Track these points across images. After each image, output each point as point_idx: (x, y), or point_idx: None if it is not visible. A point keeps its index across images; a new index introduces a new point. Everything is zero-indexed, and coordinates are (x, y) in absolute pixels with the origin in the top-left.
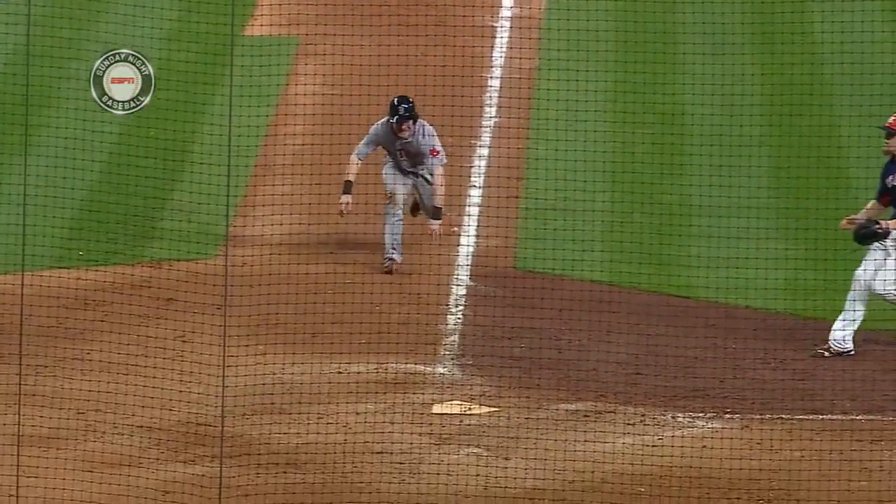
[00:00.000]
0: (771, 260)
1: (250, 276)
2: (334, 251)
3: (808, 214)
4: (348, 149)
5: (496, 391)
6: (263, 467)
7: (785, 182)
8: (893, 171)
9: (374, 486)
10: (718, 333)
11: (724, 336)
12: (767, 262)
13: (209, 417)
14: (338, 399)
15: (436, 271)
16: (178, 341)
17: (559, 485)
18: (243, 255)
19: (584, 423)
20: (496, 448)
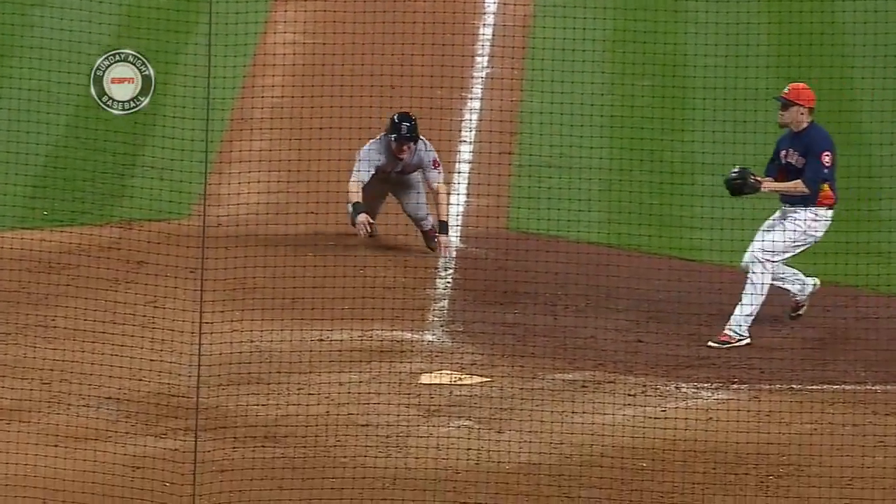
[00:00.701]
0: None
1: (226, 237)
2: (315, 211)
3: None
4: (330, 101)
5: (488, 360)
6: (241, 441)
7: None
8: (788, 146)
9: (359, 461)
10: (725, 299)
11: (730, 302)
12: None
13: (183, 388)
14: (319, 369)
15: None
16: (150, 307)
17: (556, 459)
18: (218, 215)
19: (582, 393)
20: (488, 421)
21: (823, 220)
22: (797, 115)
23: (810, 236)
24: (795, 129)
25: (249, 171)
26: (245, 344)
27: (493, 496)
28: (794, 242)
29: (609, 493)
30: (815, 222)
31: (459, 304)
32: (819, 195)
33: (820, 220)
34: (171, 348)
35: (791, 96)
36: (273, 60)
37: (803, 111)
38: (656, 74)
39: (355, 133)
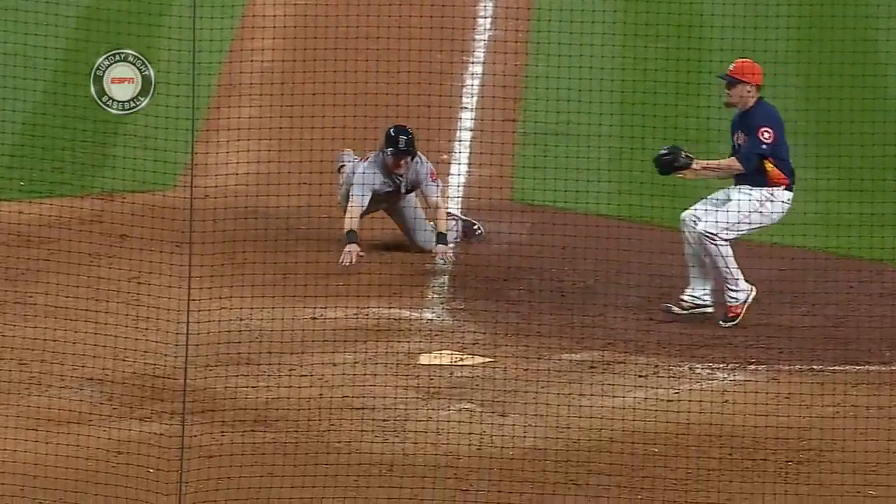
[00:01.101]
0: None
1: (213, 209)
2: (308, 181)
3: (842, 140)
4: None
5: (491, 339)
6: (229, 425)
7: (815, 103)
8: (739, 128)
9: (354, 447)
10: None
11: (747, 277)
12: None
13: (168, 369)
14: (312, 348)
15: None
16: (134, 283)
17: (562, 444)
18: (205, 186)
19: (591, 375)
20: (491, 404)
21: (780, 201)
22: (743, 93)
23: (765, 217)
24: (742, 108)
25: (238, 140)
26: (234, 322)
27: (495, 483)
28: (748, 221)
29: (619, 479)
30: (770, 203)
31: (461, 280)
32: (768, 175)
33: (776, 200)
34: (156, 327)
35: (736, 73)
36: (262, 22)
37: (750, 89)
38: (670, 36)
39: (350, 99)
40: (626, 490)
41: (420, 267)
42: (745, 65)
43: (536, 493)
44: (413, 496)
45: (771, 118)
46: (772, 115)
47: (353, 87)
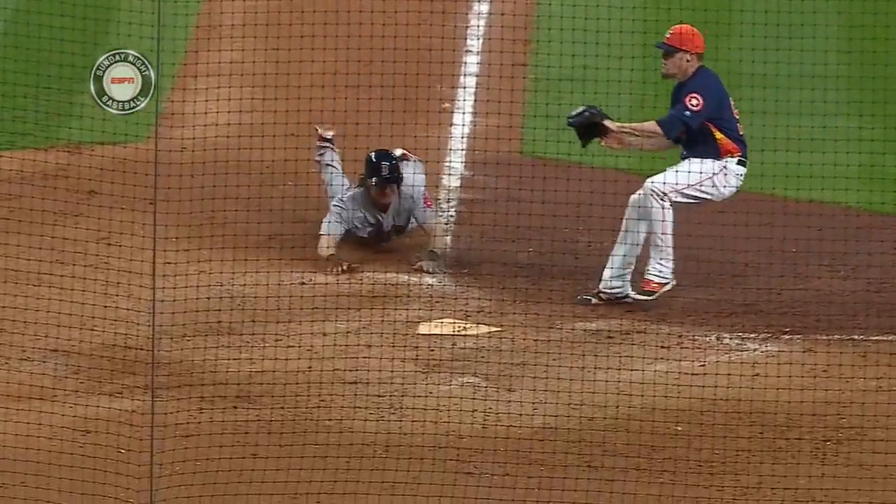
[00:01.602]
0: (841, 142)
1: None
2: (296, 133)
3: (887, 85)
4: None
5: (497, 307)
6: (207, 401)
7: (859, 45)
8: (674, 102)
9: (345, 425)
10: (775, 233)
11: (782, 237)
12: (837, 145)
13: (141, 339)
14: (300, 317)
15: (422, 157)
16: (102, 244)
17: (575, 423)
18: (182, 137)
19: (607, 346)
20: (497, 377)
21: (733, 174)
22: (682, 63)
23: (717, 189)
24: (682, 78)
25: (218, 87)
26: (213, 288)
27: (501, 465)
28: (699, 189)
29: (637, 461)
30: (724, 175)
31: (464, 241)
32: (719, 144)
33: (729, 173)
34: (128, 293)
35: (673, 42)
36: None
37: (689, 58)
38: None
39: (342, 42)
40: (646, 473)
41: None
42: (682, 31)
43: (547, 476)
44: (411, 479)
45: (707, 87)
46: (709, 83)
47: (346, 29)
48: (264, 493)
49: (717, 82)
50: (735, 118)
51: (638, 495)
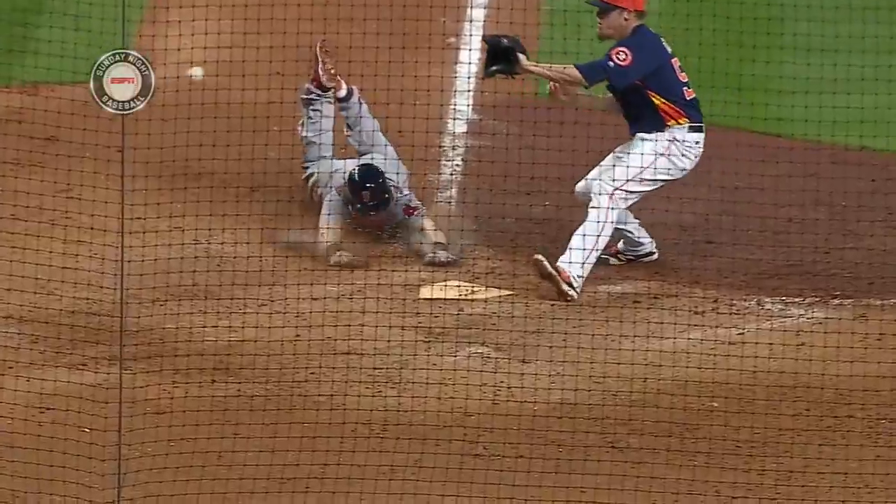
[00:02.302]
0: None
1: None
2: (282, 72)
3: None
4: None
5: (509, 267)
6: (182, 374)
7: None
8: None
9: (338, 401)
10: (823, 185)
11: (830, 189)
12: (891, 86)
13: (107, 305)
14: (287, 279)
15: (424, 99)
16: (62, 198)
17: (598, 398)
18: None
19: (634, 311)
20: (509, 347)
21: (686, 144)
22: (619, 21)
23: (674, 166)
24: (619, 38)
25: (193, 20)
26: (189, 247)
27: (514, 446)
28: (652, 174)
29: (668, 441)
30: (675, 149)
31: (472, 193)
32: (661, 112)
33: (680, 145)
34: (91, 252)
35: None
36: None
37: (627, 16)
38: None
39: None
40: (678, 455)
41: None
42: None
43: (566, 459)
44: (412, 462)
45: (640, 45)
46: (644, 42)
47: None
48: (246, 477)
49: (655, 42)
50: (681, 81)
51: (668, 480)
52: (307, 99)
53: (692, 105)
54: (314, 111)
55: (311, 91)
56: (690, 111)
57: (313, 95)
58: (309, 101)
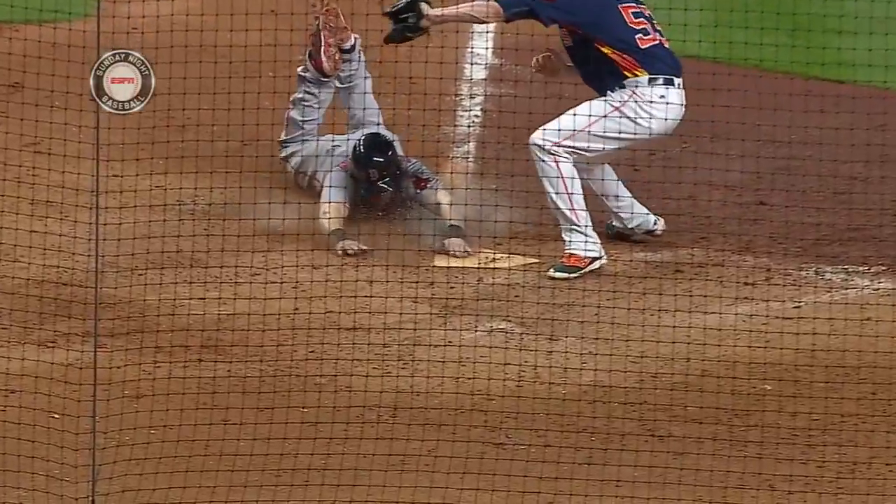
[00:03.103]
0: None
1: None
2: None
3: None
4: None
5: (534, 232)
6: (165, 353)
7: None
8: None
9: (343, 383)
10: (891, 138)
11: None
12: None
13: (80, 274)
14: (283, 244)
15: (438, 41)
16: (29, 152)
17: (635, 380)
18: (129, 16)
19: (675, 282)
20: (535, 323)
21: (650, 100)
22: None
23: (635, 124)
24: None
25: None
26: (172, 208)
27: (541, 434)
28: (602, 130)
29: (715, 429)
30: (633, 101)
31: (492, 148)
32: (617, 66)
33: (643, 100)
34: (62, 213)
35: None
36: None
37: None
38: None
39: None
40: (726, 444)
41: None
42: None
43: (599, 449)
44: (425, 452)
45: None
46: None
47: None
48: (238, 468)
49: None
50: (633, 28)
51: (715, 472)
52: (303, 77)
53: (650, 54)
54: (309, 94)
55: (308, 70)
56: (648, 61)
57: (309, 76)
58: (304, 80)
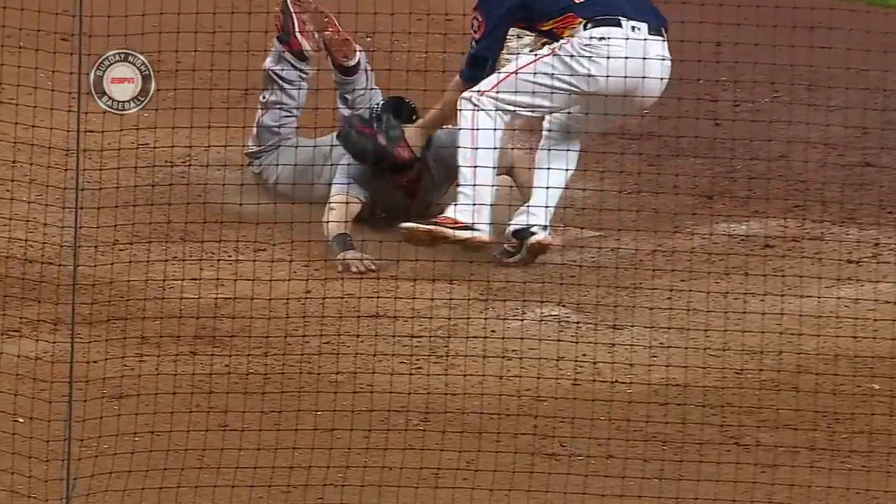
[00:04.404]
0: None
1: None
2: None
3: None
4: None
5: (595, 199)
6: (152, 344)
7: None
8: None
9: (364, 381)
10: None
11: None
12: None
13: (50, 249)
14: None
15: None
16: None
17: (716, 377)
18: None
19: (764, 259)
20: (595, 309)
21: (586, 42)
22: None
23: (570, 69)
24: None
25: None
26: (161, 171)
27: (601, 443)
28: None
29: (812, 437)
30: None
31: None
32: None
33: (578, 42)
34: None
35: None
36: None
37: None
38: None
39: None
40: (826, 454)
41: None
42: None
43: (672, 459)
44: (463, 464)
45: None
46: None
47: None
48: (239, 483)
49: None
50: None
51: (813, 488)
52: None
53: (583, 5)
54: (284, 91)
55: (283, 58)
56: (583, 9)
57: (284, 67)
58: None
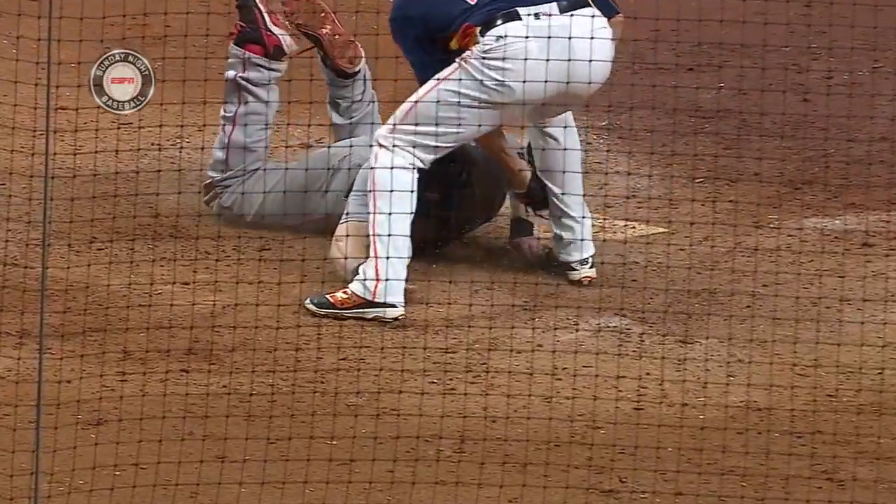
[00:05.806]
0: None
1: None
2: None
3: None
4: None
5: (664, 186)
6: (136, 360)
7: None
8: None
9: (388, 403)
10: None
11: None
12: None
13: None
14: None
15: None
16: None
17: (805, 400)
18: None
19: (863, 259)
20: (661, 319)
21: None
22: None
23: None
24: None
25: None
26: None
27: (669, 477)
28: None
29: None
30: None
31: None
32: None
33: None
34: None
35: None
36: None
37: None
38: None
39: None
40: None
41: None
42: None
43: (754, 498)
44: (505, 500)
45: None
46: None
47: None
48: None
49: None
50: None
51: None
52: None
53: (475, 9)
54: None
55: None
56: (476, 16)
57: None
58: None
